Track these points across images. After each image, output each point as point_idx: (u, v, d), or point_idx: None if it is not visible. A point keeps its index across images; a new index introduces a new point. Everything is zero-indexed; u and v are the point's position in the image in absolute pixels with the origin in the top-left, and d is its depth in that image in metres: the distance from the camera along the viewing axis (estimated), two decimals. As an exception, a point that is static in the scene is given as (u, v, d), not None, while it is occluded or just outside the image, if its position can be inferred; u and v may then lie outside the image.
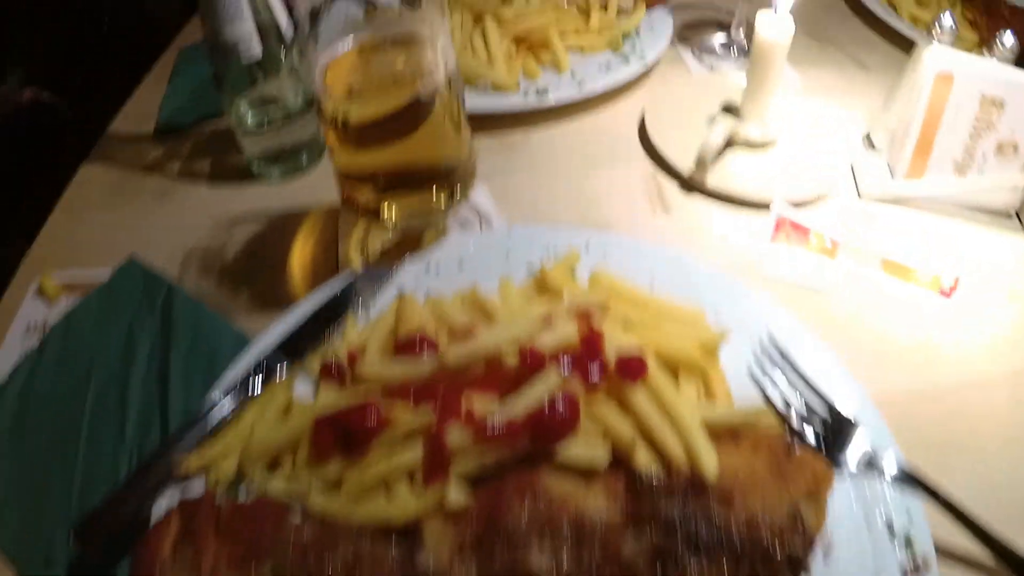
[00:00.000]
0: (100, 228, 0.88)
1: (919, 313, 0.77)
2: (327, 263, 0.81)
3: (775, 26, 0.84)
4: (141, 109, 1.06)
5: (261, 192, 0.91)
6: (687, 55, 1.13)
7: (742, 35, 1.13)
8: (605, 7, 1.11)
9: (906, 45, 1.18)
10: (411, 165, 0.70)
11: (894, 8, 1.31)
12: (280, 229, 0.86)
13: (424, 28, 0.64)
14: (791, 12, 0.85)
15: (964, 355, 0.74)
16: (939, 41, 0.92)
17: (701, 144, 0.87)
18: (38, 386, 0.71)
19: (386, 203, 0.71)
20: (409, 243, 0.78)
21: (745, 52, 1.12)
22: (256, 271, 0.81)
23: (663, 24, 1.11)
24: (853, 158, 0.94)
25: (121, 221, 0.89)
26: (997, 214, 0.89)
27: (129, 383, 0.70)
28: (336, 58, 0.66)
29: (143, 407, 0.68)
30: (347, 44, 0.66)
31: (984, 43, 1.19)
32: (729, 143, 0.91)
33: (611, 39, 1.06)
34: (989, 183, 0.88)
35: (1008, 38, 0.94)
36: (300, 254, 0.83)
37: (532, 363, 0.60)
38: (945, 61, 0.85)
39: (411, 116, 0.66)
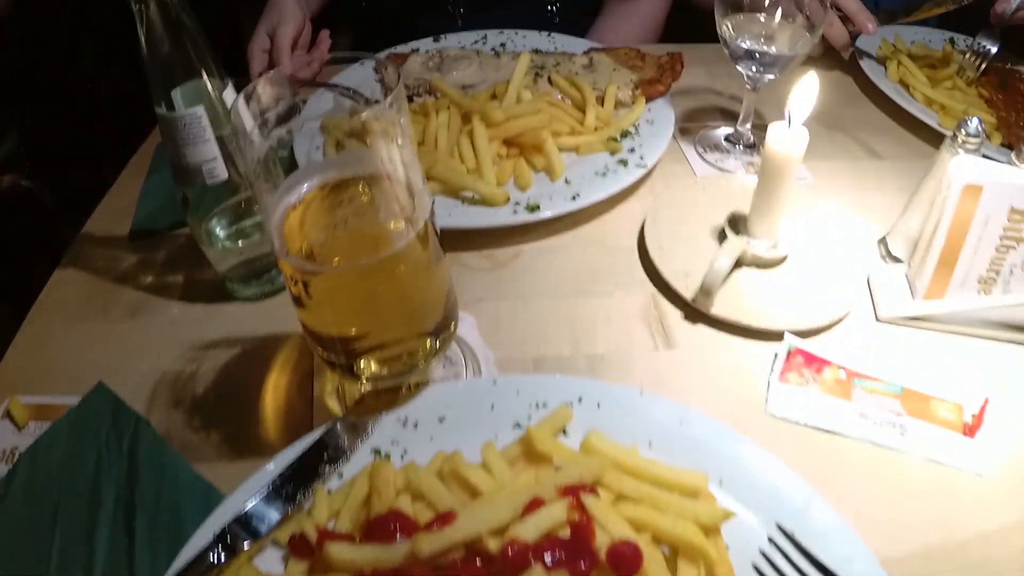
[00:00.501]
0: (70, 345, 0.83)
1: (939, 456, 0.71)
2: (302, 402, 0.76)
3: (788, 140, 0.79)
4: (120, 203, 1.02)
5: (235, 312, 0.86)
6: (690, 151, 1.09)
7: (748, 129, 1.07)
8: (602, 101, 1.06)
9: (920, 129, 1.16)
10: (385, 321, 0.64)
11: (907, 89, 1.26)
12: (253, 357, 0.81)
13: (393, 165, 0.59)
14: (804, 124, 0.80)
15: (986, 499, 0.68)
16: (965, 148, 0.86)
17: (707, 270, 0.81)
18: (4, 519, 0.68)
19: (360, 360, 0.66)
20: (388, 392, 0.72)
21: (751, 146, 1.08)
22: (228, 408, 0.76)
23: (664, 118, 1.06)
24: (870, 271, 0.89)
25: (91, 339, 0.84)
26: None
27: (96, 529, 0.67)
28: (295, 206, 0.61)
29: (110, 559, 0.65)
30: (307, 188, 0.61)
31: (1003, 123, 1.15)
32: (737, 262, 0.85)
33: (609, 139, 1.01)
34: (1017, 300, 0.83)
35: (973, 123, 0.90)
36: (273, 392, 0.78)
37: (515, 559, 0.55)
38: (973, 172, 0.80)
39: (382, 270, 0.61)
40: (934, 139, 1.16)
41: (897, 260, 0.91)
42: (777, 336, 0.81)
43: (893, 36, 1.40)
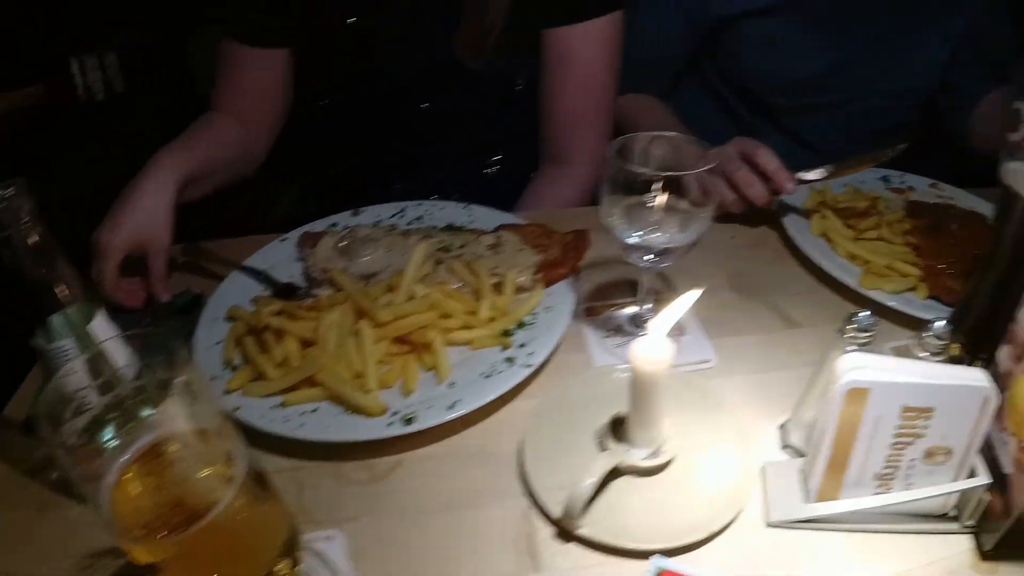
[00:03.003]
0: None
1: None
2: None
3: (652, 353, 0.80)
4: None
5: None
6: (592, 336, 1.09)
7: (650, 309, 1.09)
8: (501, 288, 1.09)
9: (842, 289, 1.17)
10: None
11: (830, 243, 1.27)
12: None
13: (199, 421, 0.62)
14: (669, 336, 0.82)
15: None
16: (854, 344, 0.87)
17: (574, 485, 0.82)
18: None
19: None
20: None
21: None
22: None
23: (563, 304, 1.08)
24: (766, 466, 0.89)
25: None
26: (931, 518, 0.84)
27: None
28: (119, 480, 0.64)
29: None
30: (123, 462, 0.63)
31: (930, 273, 1.16)
32: (615, 472, 0.86)
33: (502, 332, 1.03)
34: (918, 494, 0.82)
35: (939, 324, 0.90)
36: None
37: None
38: (859, 374, 0.78)
39: (214, 536, 0.64)
40: (858, 301, 1.17)
41: (796, 450, 0.91)
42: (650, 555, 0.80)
43: (823, 184, 1.42)
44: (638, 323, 1.10)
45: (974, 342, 0.96)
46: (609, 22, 1.47)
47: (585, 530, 0.83)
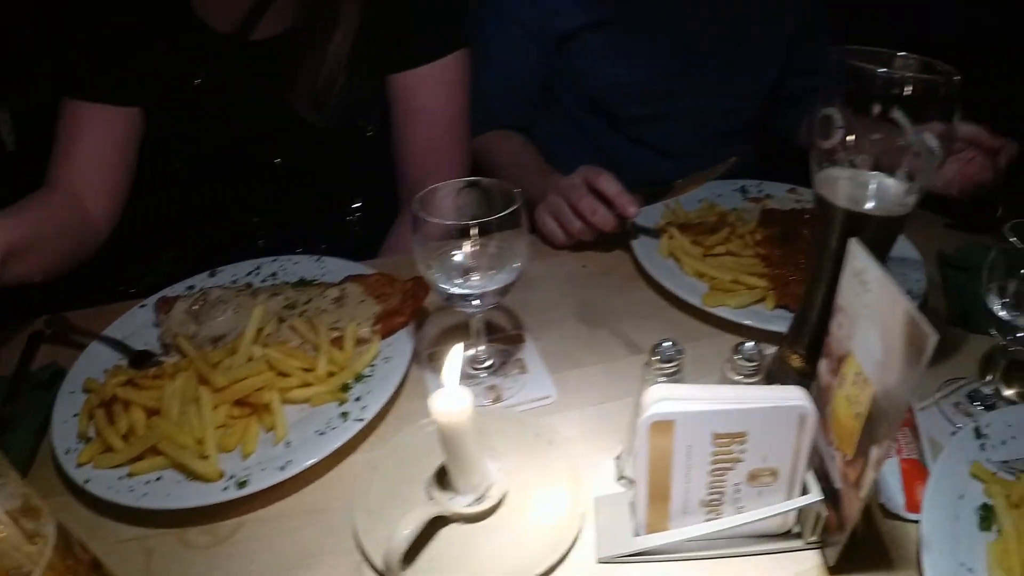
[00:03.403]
0: None
1: None
2: None
3: (450, 404, 0.81)
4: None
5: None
6: (430, 381, 1.11)
7: (484, 350, 1.11)
8: (341, 343, 1.11)
9: (690, 310, 1.20)
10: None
11: (678, 263, 1.30)
12: None
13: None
14: (463, 384, 0.84)
15: None
16: (660, 375, 0.89)
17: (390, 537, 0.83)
18: None
19: None
20: None
21: (490, 368, 1.12)
22: None
23: (401, 354, 1.10)
24: (599, 501, 0.91)
25: None
26: (774, 537, 0.86)
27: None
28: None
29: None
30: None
31: (777, 282, 1.19)
32: (442, 520, 0.88)
33: (340, 387, 1.05)
34: (747, 517, 0.84)
35: (750, 347, 0.92)
36: None
37: None
38: (661, 407, 0.78)
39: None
40: (707, 319, 1.21)
41: (631, 481, 0.92)
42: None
43: (675, 201, 1.46)
44: (475, 366, 1.11)
45: (812, 353, 1.00)
46: (452, 61, 1.51)
47: (410, 582, 0.83)
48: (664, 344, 0.90)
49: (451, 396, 0.83)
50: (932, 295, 1.32)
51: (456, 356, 0.86)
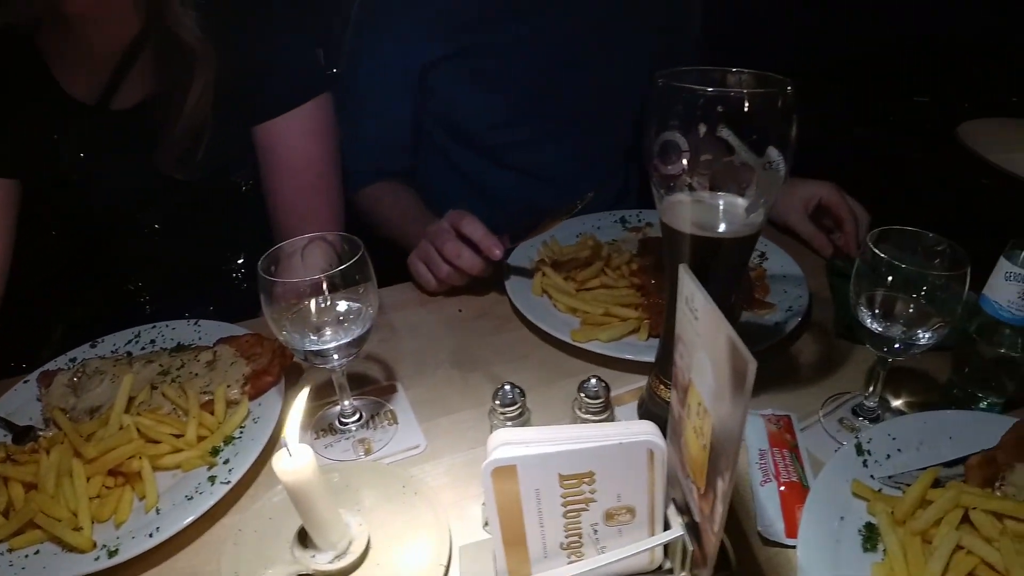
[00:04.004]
0: None
1: None
2: None
3: (291, 463, 0.84)
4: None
5: None
6: (307, 438, 1.14)
7: (350, 404, 1.15)
8: (212, 407, 1.14)
9: (565, 348, 1.22)
10: None
11: (552, 300, 1.34)
12: None
13: None
14: (307, 444, 0.86)
15: None
16: (503, 419, 0.93)
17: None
18: None
19: None
20: None
21: (359, 420, 1.15)
22: None
23: (269, 415, 1.13)
24: (461, 551, 0.93)
25: None
26: (649, 574, 0.86)
27: None
28: None
29: None
30: None
31: (651, 311, 1.23)
32: None
33: (210, 451, 1.07)
34: (609, 558, 0.83)
35: (593, 384, 0.96)
36: None
37: None
38: (500, 452, 0.78)
39: None
40: (580, 355, 1.26)
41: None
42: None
43: (550, 237, 1.50)
44: (343, 420, 1.14)
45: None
46: (313, 107, 1.55)
47: (268, 644, 0.86)
48: (505, 388, 0.94)
49: (292, 455, 0.85)
50: (820, 308, 1.37)
51: (296, 415, 0.88)
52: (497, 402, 0.94)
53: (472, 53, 1.68)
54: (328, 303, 1.03)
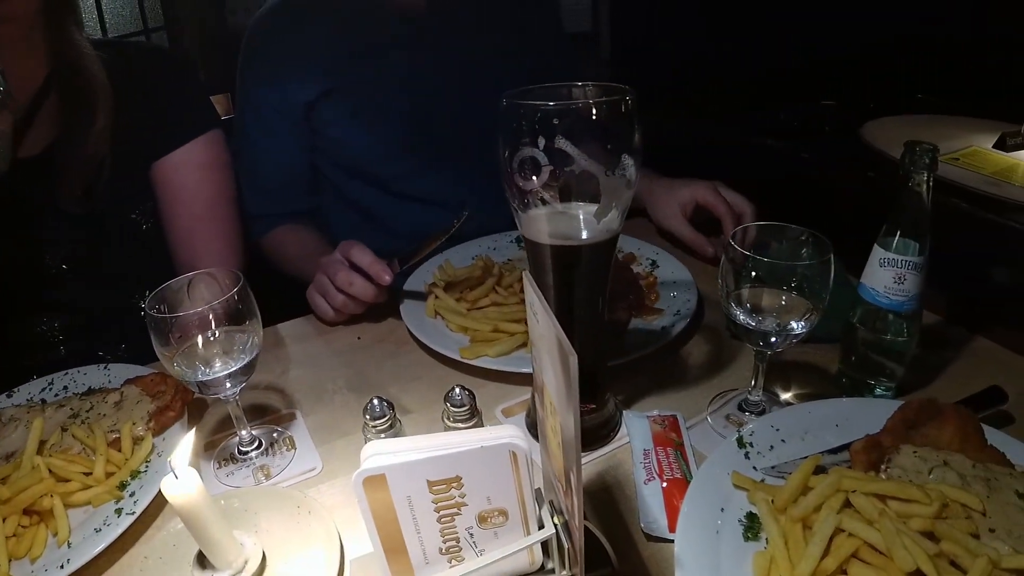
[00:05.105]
0: None
1: None
2: None
3: (178, 487, 0.91)
4: None
5: None
6: (205, 467, 1.23)
7: (249, 433, 1.24)
8: (120, 444, 1.24)
9: (457, 366, 1.33)
10: None
11: (445, 321, 1.46)
12: None
13: None
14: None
15: None
16: (374, 431, 1.03)
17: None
18: None
19: None
20: None
21: (258, 447, 1.25)
22: None
23: (171, 450, 1.21)
24: (351, 565, 1.00)
25: None
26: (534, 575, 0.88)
27: None
28: None
29: None
30: None
31: None
32: None
33: (118, 485, 1.17)
34: (487, 560, 0.86)
35: (457, 393, 1.06)
36: None
37: None
38: (369, 462, 0.83)
39: None
40: (472, 371, 1.35)
41: None
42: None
43: (445, 260, 1.62)
44: (242, 448, 1.24)
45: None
46: (205, 142, 1.67)
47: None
48: (373, 402, 1.04)
49: (179, 478, 0.93)
50: (714, 309, 1.47)
51: (186, 442, 0.97)
52: (367, 416, 1.04)
53: (348, 90, 1.78)
54: (216, 335, 1.12)
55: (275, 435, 1.23)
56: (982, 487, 0.89)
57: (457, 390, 1.06)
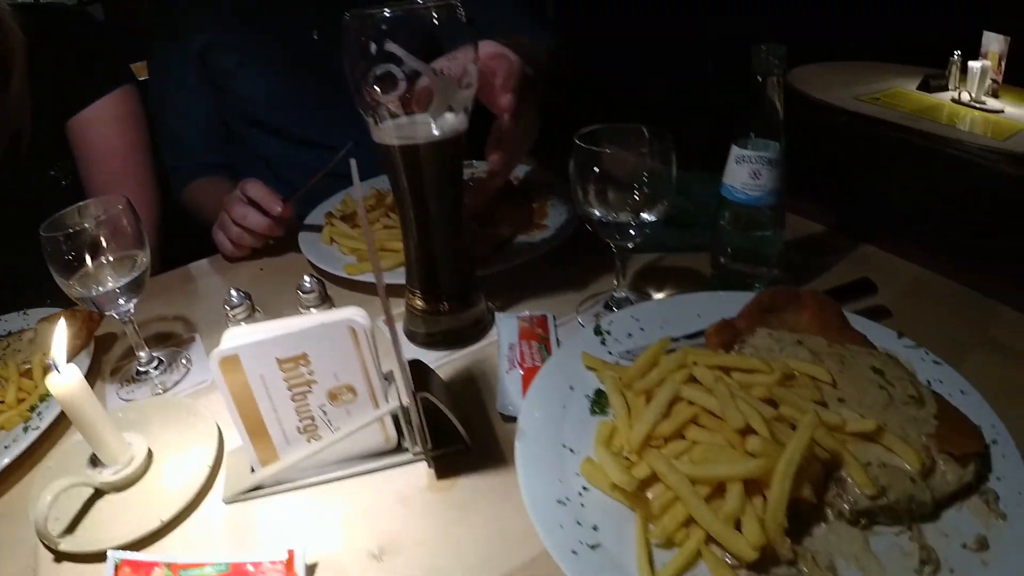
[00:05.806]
0: None
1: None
2: None
3: (62, 379, 0.98)
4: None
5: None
6: (109, 388, 1.34)
7: (147, 354, 1.34)
8: (32, 375, 1.36)
9: (362, 286, 1.42)
10: None
11: (339, 246, 1.56)
12: None
13: None
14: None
15: None
16: (235, 321, 1.14)
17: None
18: None
19: None
20: None
21: (161, 364, 1.36)
22: None
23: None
24: (227, 456, 1.09)
25: None
26: (385, 454, 0.98)
27: None
28: None
29: None
30: None
31: None
32: (98, 492, 1.07)
33: (28, 409, 1.28)
34: (340, 435, 0.94)
35: (306, 281, 1.19)
36: None
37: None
38: (224, 344, 0.88)
39: None
40: (370, 291, 1.45)
41: None
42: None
43: (345, 194, 1.72)
44: (141, 367, 1.35)
45: (426, 291, 1.22)
46: (119, 96, 1.77)
47: (64, 545, 1.02)
48: (231, 293, 1.15)
49: (61, 372, 1.00)
50: None
51: (59, 335, 1.04)
52: (227, 307, 1.14)
53: (233, 40, 1.86)
54: (108, 260, 1.24)
55: (174, 356, 1.30)
56: (835, 363, 0.93)
57: (307, 278, 1.16)
